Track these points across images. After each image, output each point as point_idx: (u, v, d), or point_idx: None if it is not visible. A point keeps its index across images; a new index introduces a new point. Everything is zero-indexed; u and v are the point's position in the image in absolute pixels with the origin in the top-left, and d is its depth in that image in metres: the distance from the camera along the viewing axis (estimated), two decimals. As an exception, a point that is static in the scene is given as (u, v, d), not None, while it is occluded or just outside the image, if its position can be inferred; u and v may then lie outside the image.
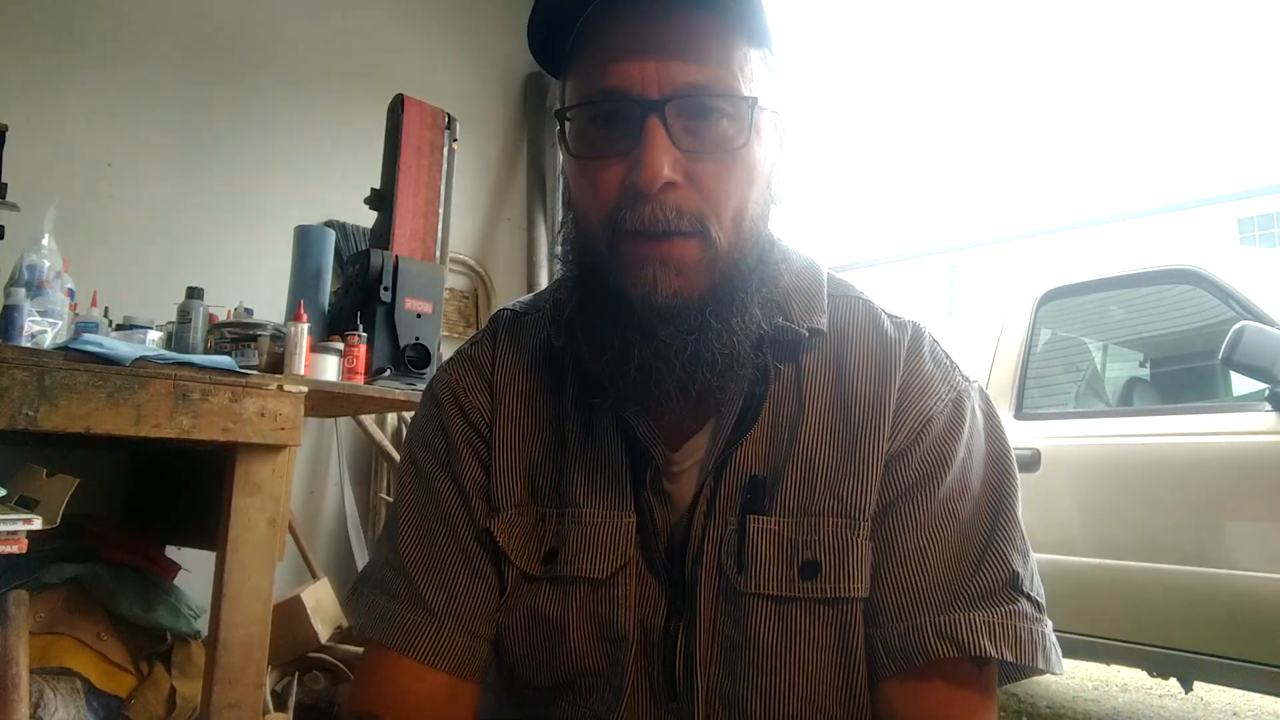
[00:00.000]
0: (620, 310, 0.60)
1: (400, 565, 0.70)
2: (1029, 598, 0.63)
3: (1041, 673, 0.63)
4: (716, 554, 0.65)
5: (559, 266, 0.70)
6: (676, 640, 0.65)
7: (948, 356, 0.70)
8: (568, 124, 0.62)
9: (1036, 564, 0.67)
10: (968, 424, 0.67)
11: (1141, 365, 3.54)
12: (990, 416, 0.69)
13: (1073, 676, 3.98)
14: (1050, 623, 0.64)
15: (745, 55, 0.60)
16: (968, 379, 0.69)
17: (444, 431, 0.72)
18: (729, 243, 0.60)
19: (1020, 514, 0.66)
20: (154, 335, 1.70)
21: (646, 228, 0.58)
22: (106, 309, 1.78)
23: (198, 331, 1.81)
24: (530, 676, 0.68)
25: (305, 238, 2.05)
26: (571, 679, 0.66)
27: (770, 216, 0.66)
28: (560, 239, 0.69)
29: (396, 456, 2.49)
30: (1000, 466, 0.67)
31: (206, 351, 1.73)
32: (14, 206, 1.74)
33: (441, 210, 2.15)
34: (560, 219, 3.04)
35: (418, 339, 1.99)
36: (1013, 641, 0.60)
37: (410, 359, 1.96)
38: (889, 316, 0.71)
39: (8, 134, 1.77)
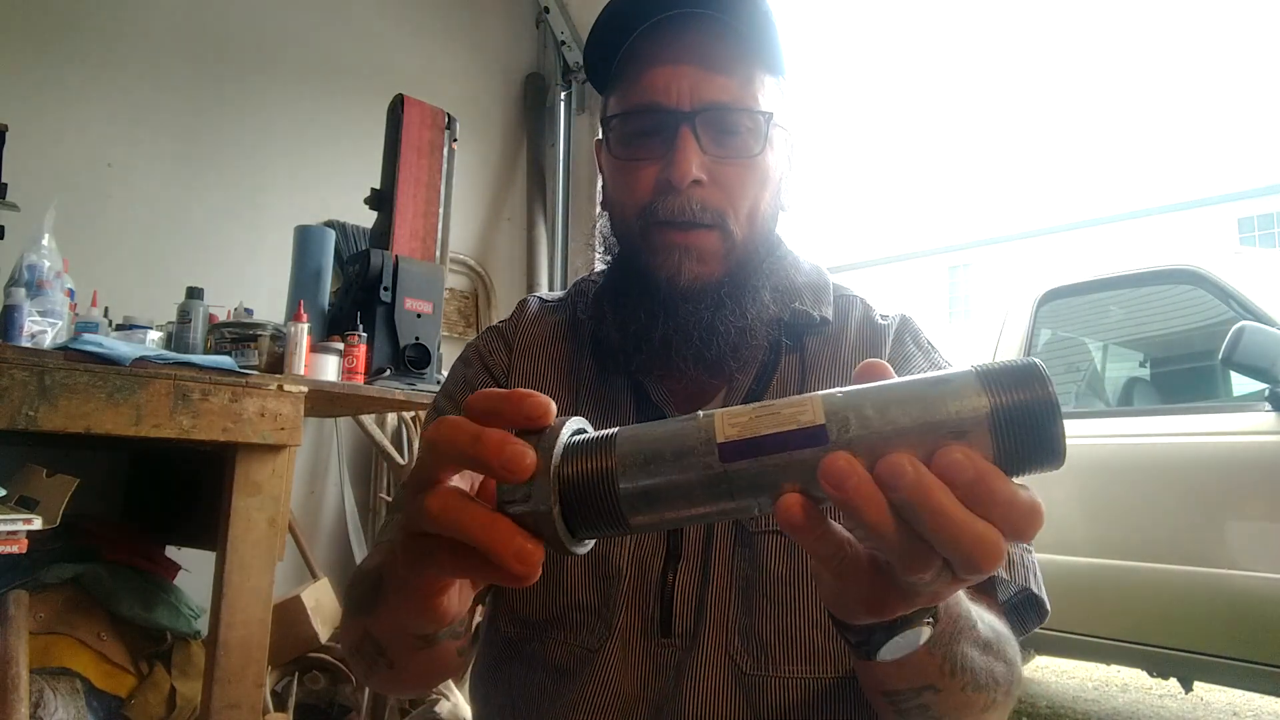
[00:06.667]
0: (647, 289, 0.70)
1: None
2: None
3: (1040, 607, 0.67)
4: None
5: (594, 255, 0.81)
6: (675, 581, 0.69)
7: (929, 342, 0.79)
8: (610, 130, 0.72)
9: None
10: None
11: (1141, 365, 3.54)
12: None
13: (1073, 676, 3.98)
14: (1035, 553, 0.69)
15: (762, 80, 0.71)
16: (948, 362, 0.77)
17: (465, 382, 0.81)
18: (743, 236, 0.70)
19: None
20: (154, 335, 1.70)
21: (675, 218, 0.68)
22: (106, 309, 1.78)
23: (198, 331, 1.80)
24: (525, 610, 0.73)
25: (305, 238, 2.05)
26: (564, 614, 0.71)
27: (779, 220, 0.77)
28: (595, 230, 0.81)
29: (396, 456, 2.50)
30: None
31: (206, 351, 1.73)
32: (14, 206, 1.74)
33: (441, 210, 2.15)
34: (568, 216, 3.04)
35: (418, 339, 1.99)
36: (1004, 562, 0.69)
37: (410, 359, 1.96)
38: (879, 314, 0.82)
39: (8, 134, 1.77)
